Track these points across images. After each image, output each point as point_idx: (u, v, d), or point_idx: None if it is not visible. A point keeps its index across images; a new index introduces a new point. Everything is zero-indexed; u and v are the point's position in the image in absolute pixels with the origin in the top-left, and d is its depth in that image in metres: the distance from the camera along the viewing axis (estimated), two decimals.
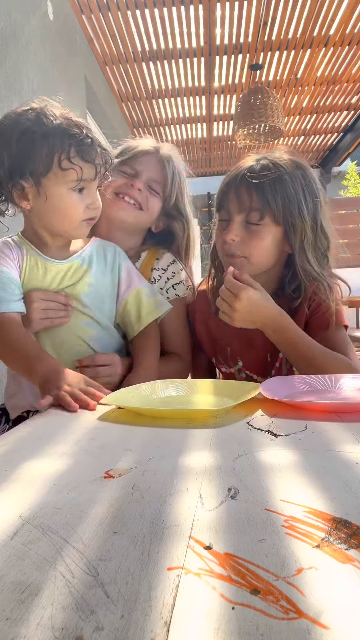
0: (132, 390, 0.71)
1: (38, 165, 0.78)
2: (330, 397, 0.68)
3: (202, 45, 3.58)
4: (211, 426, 0.54)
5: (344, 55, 3.84)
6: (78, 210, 0.84)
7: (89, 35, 3.29)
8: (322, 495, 0.34)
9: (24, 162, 0.79)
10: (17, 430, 0.56)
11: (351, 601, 0.23)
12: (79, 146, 0.79)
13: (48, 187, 0.81)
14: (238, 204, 0.88)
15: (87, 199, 0.85)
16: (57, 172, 0.79)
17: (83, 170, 0.81)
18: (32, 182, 0.81)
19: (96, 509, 0.33)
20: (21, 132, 0.79)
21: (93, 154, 0.81)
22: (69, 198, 0.83)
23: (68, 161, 0.79)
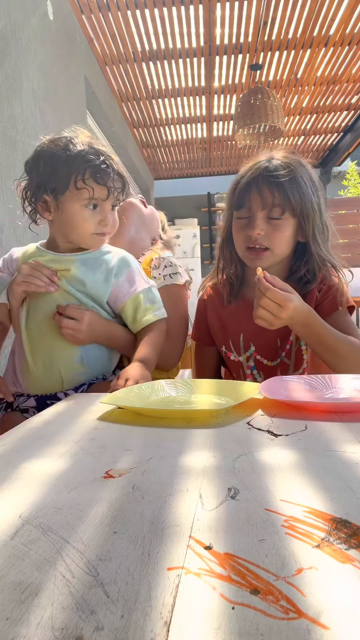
0: (132, 390, 0.71)
1: (58, 183, 0.92)
2: (330, 397, 0.68)
3: (202, 45, 3.58)
4: (211, 426, 0.54)
5: (344, 55, 3.84)
6: (89, 225, 0.95)
7: (89, 35, 3.29)
8: (322, 495, 0.34)
9: (48, 180, 0.93)
10: (17, 430, 0.56)
11: (351, 601, 0.23)
12: (93, 170, 0.91)
13: (65, 202, 0.94)
14: (261, 201, 0.96)
15: (99, 216, 0.96)
16: (73, 190, 0.92)
17: (95, 191, 0.92)
18: (52, 197, 0.94)
19: (96, 509, 0.33)
20: (48, 155, 0.93)
21: (106, 177, 0.92)
22: (82, 214, 0.94)
23: (82, 182, 0.91)
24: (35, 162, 0.95)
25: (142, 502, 0.34)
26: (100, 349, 1.00)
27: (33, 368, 0.97)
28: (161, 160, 6.50)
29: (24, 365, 0.99)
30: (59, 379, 0.96)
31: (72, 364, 0.96)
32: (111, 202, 0.97)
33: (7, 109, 1.87)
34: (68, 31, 2.83)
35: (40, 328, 0.97)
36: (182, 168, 6.91)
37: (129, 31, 3.32)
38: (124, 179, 0.98)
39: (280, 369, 1.07)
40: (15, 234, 1.89)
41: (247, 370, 1.09)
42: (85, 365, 0.97)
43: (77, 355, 0.97)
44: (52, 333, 0.96)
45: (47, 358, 0.96)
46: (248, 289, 1.09)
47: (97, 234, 0.97)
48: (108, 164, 0.93)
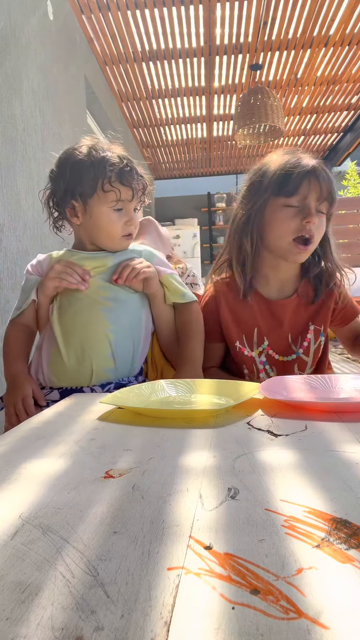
0: (132, 390, 0.71)
1: (85, 188, 0.96)
2: (330, 397, 0.68)
3: (202, 45, 3.58)
4: (211, 426, 0.54)
5: (344, 55, 3.84)
6: (117, 226, 0.99)
7: (89, 35, 3.29)
8: (322, 495, 0.34)
9: (75, 186, 0.97)
10: (17, 430, 0.56)
11: (351, 601, 0.23)
12: (119, 173, 0.96)
13: (93, 206, 0.97)
14: (317, 193, 0.97)
15: (125, 217, 1.00)
16: (100, 194, 0.96)
17: (121, 192, 0.96)
18: (80, 202, 0.98)
19: (96, 509, 0.33)
20: (74, 162, 0.97)
21: (130, 179, 0.97)
22: (109, 216, 0.98)
23: (109, 185, 0.95)
24: (60, 170, 0.99)
25: (142, 502, 0.34)
26: (130, 342, 1.01)
27: (66, 359, 0.96)
28: (161, 160, 6.50)
29: (53, 357, 0.98)
30: (90, 371, 0.96)
31: (104, 357, 0.97)
32: (135, 203, 1.01)
33: (7, 109, 1.87)
34: (68, 31, 2.82)
35: (73, 320, 0.98)
36: (182, 168, 6.91)
37: (129, 31, 3.32)
38: (145, 181, 1.03)
39: (297, 364, 1.08)
40: (15, 234, 1.89)
41: (259, 365, 1.09)
42: (115, 360, 0.97)
43: (108, 349, 0.97)
44: (87, 326, 0.97)
45: (80, 349, 0.96)
46: (261, 281, 1.10)
47: (124, 236, 1.02)
48: (131, 167, 0.98)
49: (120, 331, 0.98)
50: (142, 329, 1.04)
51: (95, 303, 0.98)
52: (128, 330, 1.00)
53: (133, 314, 1.03)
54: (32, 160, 2.07)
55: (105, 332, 0.97)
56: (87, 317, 0.97)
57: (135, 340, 1.02)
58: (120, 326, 0.99)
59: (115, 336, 0.97)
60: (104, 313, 0.98)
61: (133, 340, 1.01)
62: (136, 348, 1.02)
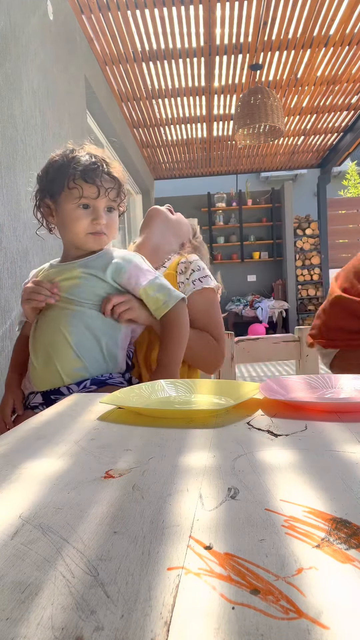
0: (132, 390, 0.71)
1: (55, 187, 1.00)
2: (330, 397, 0.68)
3: (202, 45, 3.58)
4: (211, 426, 0.54)
5: (344, 55, 3.84)
6: (81, 223, 1.01)
7: (89, 35, 3.29)
8: (322, 495, 0.34)
9: (48, 185, 1.02)
10: (17, 430, 0.56)
11: (351, 601, 0.23)
12: (82, 170, 0.98)
13: (61, 204, 1.01)
14: None
15: (92, 215, 1.01)
16: (67, 191, 0.99)
17: (84, 189, 0.98)
18: (52, 201, 1.03)
19: (96, 509, 0.34)
20: (49, 164, 1.04)
21: (94, 177, 0.98)
22: (74, 213, 1.00)
23: (73, 182, 0.98)
24: (42, 172, 1.05)
25: (142, 502, 0.34)
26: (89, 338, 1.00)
27: (36, 364, 1.02)
28: (161, 160, 6.50)
29: (30, 364, 1.05)
30: (57, 373, 0.99)
31: (69, 358, 0.99)
32: (105, 202, 1.02)
33: (7, 109, 1.87)
34: (68, 31, 2.82)
35: (41, 329, 1.03)
36: (182, 168, 6.91)
37: (129, 31, 3.32)
38: (118, 181, 1.04)
39: None
40: (15, 234, 1.89)
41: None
42: (81, 359, 0.99)
43: (70, 350, 0.99)
44: (49, 331, 1.01)
45: (45, 354, 1.01)
46: None
47: (91, 233, 1.02)
48: (98, 165, 1.00)
49: (81, 332, 0.99)
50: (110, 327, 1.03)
51: (60, 310, 1.01)
52: (91, 329, 1.00)
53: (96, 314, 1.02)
54: (32, 160, 2.07)
55: (64, 334, 0.99)
56: (51, 324, 1.01)
57: (101, 338, 1.01)
58: (82, 327, 1.00)
59: (75, 337, 0.99)
60: (66, 318, 1.00)
61: (98, 338, 1.01)
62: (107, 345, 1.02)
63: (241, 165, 7.06)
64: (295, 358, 1.41)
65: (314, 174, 7.89)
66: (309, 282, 7.49)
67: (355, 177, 10.06)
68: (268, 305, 7.10)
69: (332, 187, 9.00)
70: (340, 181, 10.79)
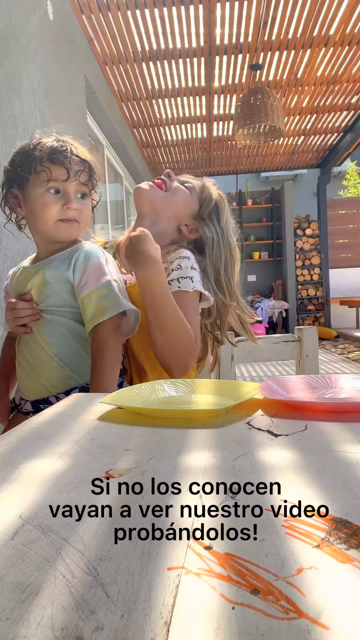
0: (132, 390, 0.71)
1: (21, 173, 0.94)
2: (330, 397, 0.68)
3: (202, 45, 3.58)
4: (211, 426, 0.54)
5: (344, 55, 3.84)
6: (51, 210, 0.94)
7: (89, 35, 3.29)
8: (322, 495, 0.34)
9: (14, 174, 0.96)
10: (17, 430, 0.56)
11: (351, 601, 0.23)
12: (49, 152, 0.93)
13: (29, 190, 0.95)
14: None
15: (62, 200, 0.95)
16: (34, 176, 0.93)
17: (52, 171, 0.92)
18: (19, 190, 0.97)
19: (96, 509, 0.33)
20: (15, 153, 0.97)
21: (62, 158, 0.93)
22: (43, 198, 0.94)
23: (40, 165, 0.92)
24: (9, 163, 0.99)
25: (142, 502, 0.34)
26: (70, 345, 0.96)
27: (21, 377, 1.02)
28: (161, 160, 6.50)
29: (17, 374, 1.04)
30: (42, 384, 0.97)
31: (53, 369, 0.96)
32: (75, 186, 0.95)
33: (7, 109, 1.87)
34: (68, 31, 2.82)
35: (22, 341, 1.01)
36: (182, 168, 6.91)
37: (129, 31, 3.32)
38: (89, 164, 0.97)
39: None
40: (15, 233, 1.89)
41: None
42: (67, 368, 0.95)
43: (53, 362, 0.95)
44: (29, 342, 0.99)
45: (29, 367, 0.99)
46: None
47: (61, 220, 0.95)
48: (66, 147, 0.94)
49: (60, 340, 0.96)
50: None
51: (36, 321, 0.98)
52: (70, 337, 0.97)
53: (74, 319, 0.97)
54: None
55: (43, 346, 0.96)
56: (31, 336, 0.99)
57: (83, 342, 0.97)
58: (59, 335, 0.96)
59: (55, 348, 0.96)
60: (42, 329, 0.97)
61: (80, 343, 0.97)
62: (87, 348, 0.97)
63: (241, 165, 7.06)
64: (295, 358, 1.41)
65: (314, 174, 7.89)
66: (309, 282, 7.49)
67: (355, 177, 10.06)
68: (268, 305, 7.10)
69: (332, 187, 9.00)
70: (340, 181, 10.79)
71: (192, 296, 1.01)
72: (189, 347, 0.95)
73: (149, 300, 0.92)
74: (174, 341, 0.93)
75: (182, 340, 0.94)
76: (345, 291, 7.43)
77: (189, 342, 0.95)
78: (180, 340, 0.93)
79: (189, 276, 1.00)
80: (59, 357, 0.95)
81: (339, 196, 9.89)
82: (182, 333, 0.93)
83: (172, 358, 0.95)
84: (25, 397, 1.01)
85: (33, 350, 0.98)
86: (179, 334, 0.93)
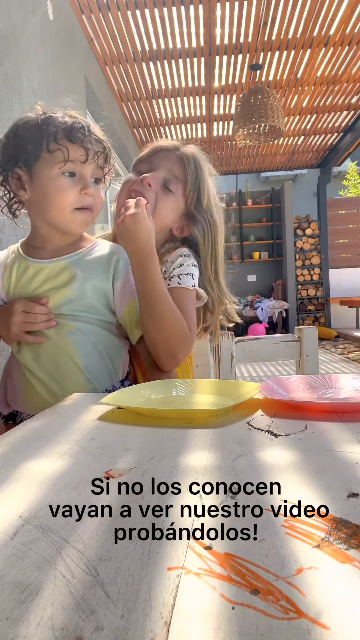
0: (132, 390, 0.71)
1: (29, 150, 0.81)
2: (330, 397, 0.68)
3: (202, 45, 3.58)
4: (211, 426, 0.54)
5: (344, 55, 3.84)
6: (68, 195, 0.83)
7: (89, 35, 3.29)
8: (322, 495, 0.34)
9: (18, 150, 0.82)
10: (17, 430, 0.56)
11: (351, 601, 0.23)
12: (66, 129, 0.81)
13: (38, 171, 0.83)
14: None
15: (79, 184, 0.84)
16: (47, 155, 0.81)
17: (70, 151, 0.81)
18: (25, 169, 0.83)
19: (96, 509, 0.33)
20: (18, 126, 0.84)
21: (81, 137, 0.82)
22: (58, 181, 0.82)
23: (55, 143, 0.81)
24: (6, 138, 0.85)
25: (142, 502, 0.34)
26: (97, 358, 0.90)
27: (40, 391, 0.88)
28: None
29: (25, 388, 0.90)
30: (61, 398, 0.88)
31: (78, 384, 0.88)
32: (92, 169, 0.85)
33: (7, 109, 1.87)
34: (68, 31, 2.82)
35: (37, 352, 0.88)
36: None
37: (129, 31, 3.32)
38: (105, 145, 0.87)
39: None
40: (15, 233, 1.89)
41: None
42: (91, 381, 0.88)
43: (81, 376, 0.88)
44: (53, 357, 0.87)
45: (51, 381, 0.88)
46: None
47: (78, 209, 0.85)
48: (83, 125, 0.84)
49: (90, 353, 0.88)
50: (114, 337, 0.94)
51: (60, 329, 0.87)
52: (99, 346, 0.90)
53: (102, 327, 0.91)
54: None
55: (73, 360, 0.87)
56: (52, 347, 0.87)
57: (109, 353, 0.92)
58: (90, 347, 0.88)
59: (85, 360, 0.87)
60: (68, 338, 0.87)
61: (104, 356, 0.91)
62: (113, 359, 0.92)
63: (241, 165, 7.06)
64: (295, 358, 1.41)
65: (314, 174, 7.89)
66: (309, 282, 7.49)
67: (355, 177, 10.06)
68: (268, 305, 7.10)
69: (332, 187, 9.00)
70: (340, 181, 10.79)
71: (191, 293, 1.00)
72: (181, 336, 0.91)
73: (142, 285, 0.87)
74: (164, 327, 0.88)
75: (173, 328, 0.89)
76: (345, 291, 7.43)
77: (180, 332, 0.90)
78: (171, 328, 0.88)
79: (190, 273, 0.98)
80: (87, 370, 0.87)
81: (339, 196, 9.89)
82: (171, 319, 0.88)
83: (162, 347, 0.90)
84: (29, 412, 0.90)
85: (58, 366, 0.87)
86: (169, 319, 0.88)
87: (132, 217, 0.83)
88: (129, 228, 0.83)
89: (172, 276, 0.98)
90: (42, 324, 0.85)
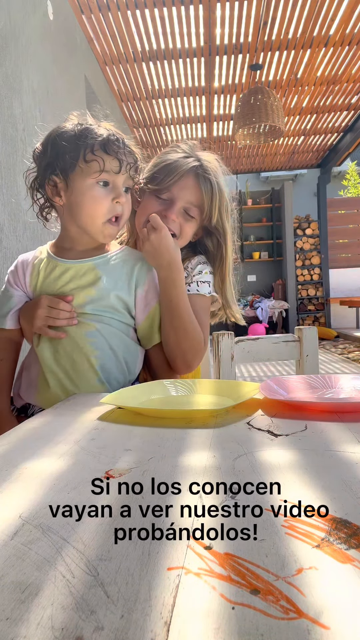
0: (132, 390, 0.71)
1: (66, 160, 0.86)
2: (330, 397, 0.68)
3: (202, 45, 3.58)
4: (211, 426, 0.54)
5: (344, 55, 3.84)
6: (102, 204, 0.88)
7: (89, 35, 3.29)
8: (322, 495, 0.34)
9: (56, 159, 0.88)
10: (17, 430, 0.56)
11: (351, 601, 0.23)
12: (102, 141, 0.87)
13: (75, 180, 0.88)
14: None
15: (112, 193, 0.89)
16: (83, 165, 0.86)
17: (105, 162, 0.86)
18: (62, 177, 0.88)
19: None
20: (56, 136, 0.89)
21: (115, 148, 0.87)
22: (93, 190, 0.88)
23: (91, 154, 0.86)
24: (43, 147, 0.91)
25: (142, 502, 0.34)
26: (113, 360, 0.92)
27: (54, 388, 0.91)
28: None
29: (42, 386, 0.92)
30: None
31: (92, 385, 0.90)
32: (124, 179, 0.90)
33: (7, 109, 1.87)
34: (68, 31, 2.82)
35: (57, 348, 0.91)
36: None
37: (129, 31, 3.32)
38: (135, 156, 0.93)
39: None
40: (15, 233, 1.89)
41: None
42: (104, 383, 0.91)
43: (95, 376, 0.90)
44: (70, 355, 0.90)
45: (66, 379, 0.90)
46: None
47: (109, 220, 0.90)
48: (118, 137, 0.89)
49: (106, 355, 0.91)
50: (131, 340, 0.96)
51: (80, 328, 0.90)
52: (116, 349, 0.92)
53: (121, 331, 0.94)
54: None
55: (89, 359, 0.89)
56: (70, 345, 0.90)
57: (125, 356, 0.94)
58: (107, 348, 0.91)
59: (100, 361, 0.90)
60: (88, 338, 0.90)
61: (123, 357, 0.93)
62: (128, 362, 0.95)
63: (241, 165, 7.06)
64: (295, 358, 1.41)
65: (314, 174, 7.88)
66: (309, 282, 7.49)
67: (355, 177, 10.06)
68: (268, 305, 7.10)
69: (332, 187, 9.00)
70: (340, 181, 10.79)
71: (207, 300, 1.06)
72: (197, 347, 0.97)
73: (166, 298, 0.93)
74: (184, 338, 0.94)
75: (192, 339, 0.95)
76: (345, 291, 7.43)
77: (198, 343, 0.97)
78: (190, 340, 0.94)
79: (207, 281, 1.04)
80: (102, 371, 0.90)
81: (339, 196, 9.89)
82: (191, 331, 0.95)
83: (179, 355, 0.96)
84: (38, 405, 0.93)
85: (75, 364, 0.90)
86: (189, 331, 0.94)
87: (157, 235, 0.88)
88: (155, 245, 0.89)
89: (190, 282, 1.03)
90: (65, 320, 0.89)
